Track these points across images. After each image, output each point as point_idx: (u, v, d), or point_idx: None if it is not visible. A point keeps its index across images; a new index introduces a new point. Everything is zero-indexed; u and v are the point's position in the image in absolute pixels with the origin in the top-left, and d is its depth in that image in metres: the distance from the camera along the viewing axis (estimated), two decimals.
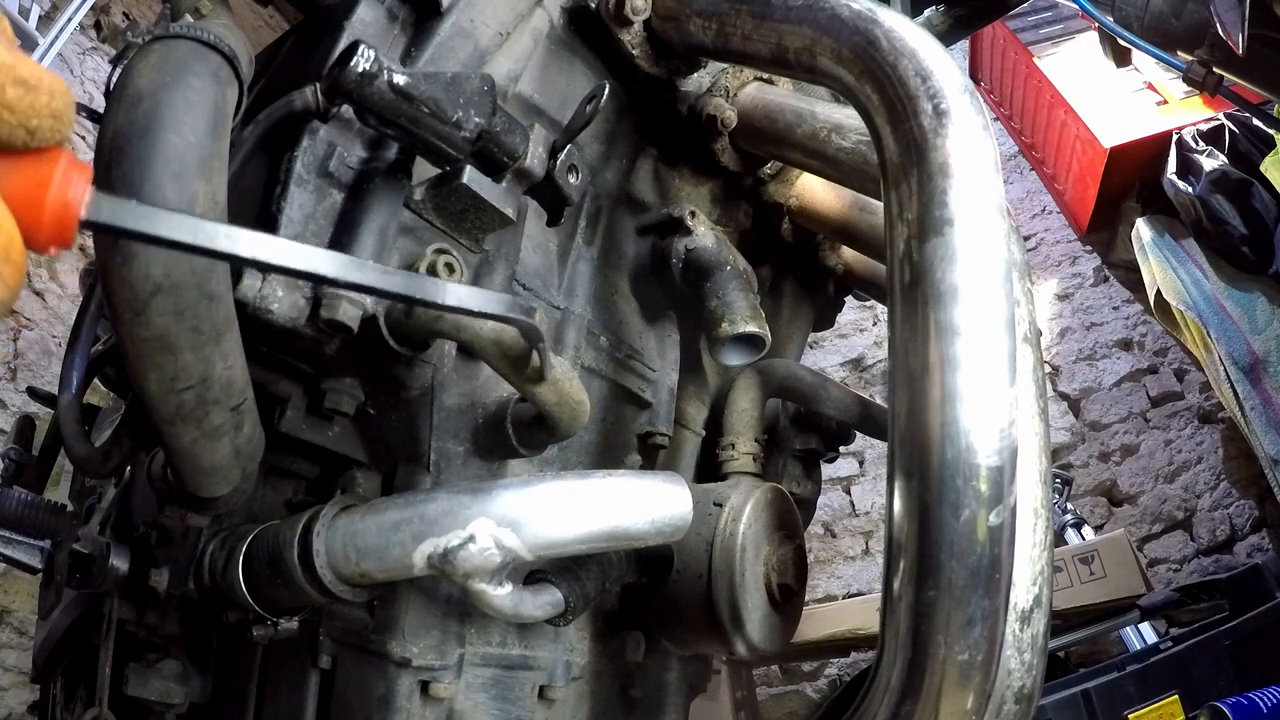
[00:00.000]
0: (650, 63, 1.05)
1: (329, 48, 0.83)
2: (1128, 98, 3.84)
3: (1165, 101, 3.78)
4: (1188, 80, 2.12)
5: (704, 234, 1.08)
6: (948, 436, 0.60)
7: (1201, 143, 3.47)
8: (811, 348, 4.32)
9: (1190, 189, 3.39)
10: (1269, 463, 3.00)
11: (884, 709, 0.65)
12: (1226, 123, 3.43)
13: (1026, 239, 4.42)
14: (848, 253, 1.35)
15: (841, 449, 1.45)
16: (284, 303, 0.73)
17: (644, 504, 0.75)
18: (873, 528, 4.00)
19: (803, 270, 1.39)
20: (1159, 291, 3.46)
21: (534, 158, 0.86)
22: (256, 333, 0.74)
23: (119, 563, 0.91)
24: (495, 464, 0.93)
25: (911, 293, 0.65)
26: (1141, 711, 2.10)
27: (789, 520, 1.06)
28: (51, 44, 2.92)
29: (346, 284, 0.46)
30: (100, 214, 0.39)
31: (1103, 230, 4.16)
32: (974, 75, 5.02)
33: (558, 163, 0.89)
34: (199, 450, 0.70)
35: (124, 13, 3.61)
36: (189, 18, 0.77)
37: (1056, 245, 4.39)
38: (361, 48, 0.69)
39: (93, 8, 3.19)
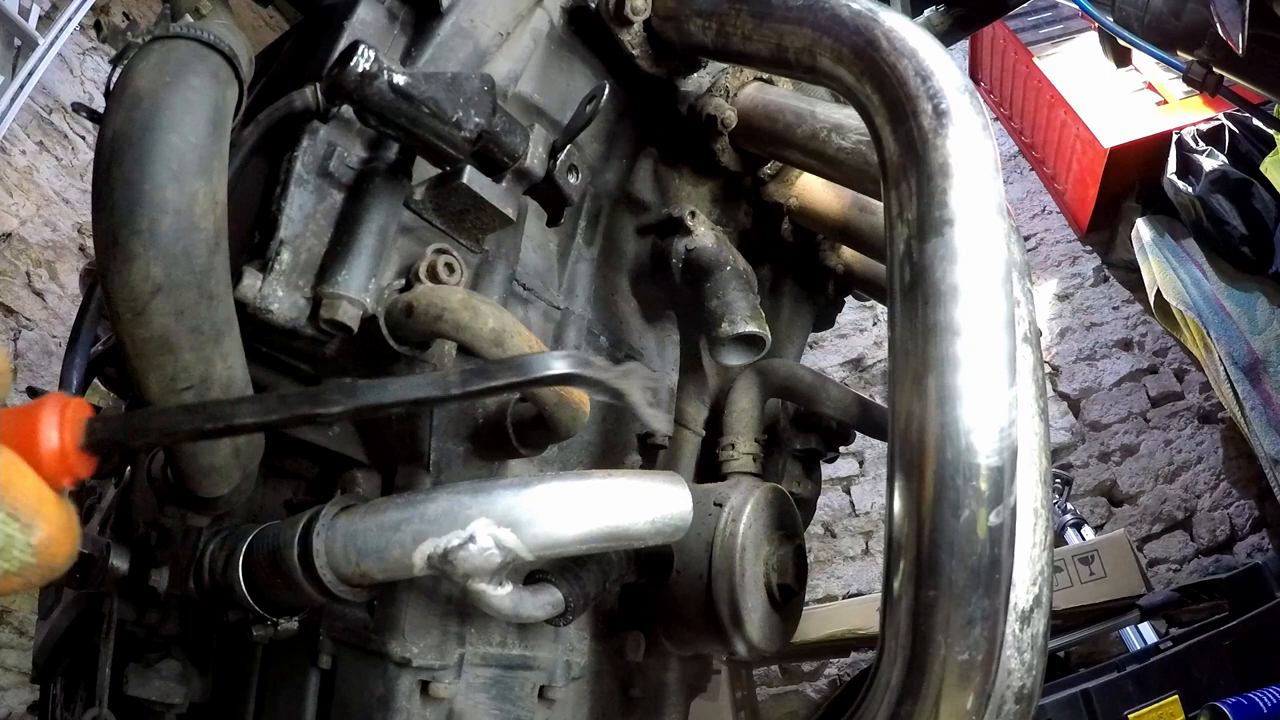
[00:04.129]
0: (650, 63, 1.05)
1: (329, 48, 0.83)
2: (1128, 98, 3.85)
3: (1165, 101, 3.79)
4: (1188, 80, 2.12)
5: (704, 234, 1.08)
6: (948, 436, 0.60)
7: (1201, 143, 3.47)
8: (811, 348, 4.32)
9: (1190, 189, 3.39)
10: (1269, 463, 3.00)
11: (884, 709, 0.65)
12: (1226, 123, 3.43)
13: (1026, 239, 4.42)
14: (848, 253, 1.35)
15: (841, 449, 1.45)
16: (284, 303, 0.73)
17: (644, 504, 0.75)
18: (873, 528, 4.00)
19: (803, 270, 1.39)
20: (1159, 291, 3.46)
21: (534, 158, 0.86)
22: (256, 333, 0.74)
23: (119, 563, 0.90)
24: (495, 464, 0.93)
25: (911, 293, 0.65)
26: (1141, 711, 2.10)
27: (789, 520, 1.06)
28: (51, 44, 2.92)
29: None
30: (98, 435, 0.40)
31: (1103, 230, 4.16)
32: (974, 75, 5.02)
33: (558, 163, 0.89)
34: (199, 450, 0.70)
35: (124, 13, 3.61)
36: (189, 18, 0.77)
37: (1056, 245, 4.39)
38: (361, 48, 0.69)
39: (93, 8, 3.19)
